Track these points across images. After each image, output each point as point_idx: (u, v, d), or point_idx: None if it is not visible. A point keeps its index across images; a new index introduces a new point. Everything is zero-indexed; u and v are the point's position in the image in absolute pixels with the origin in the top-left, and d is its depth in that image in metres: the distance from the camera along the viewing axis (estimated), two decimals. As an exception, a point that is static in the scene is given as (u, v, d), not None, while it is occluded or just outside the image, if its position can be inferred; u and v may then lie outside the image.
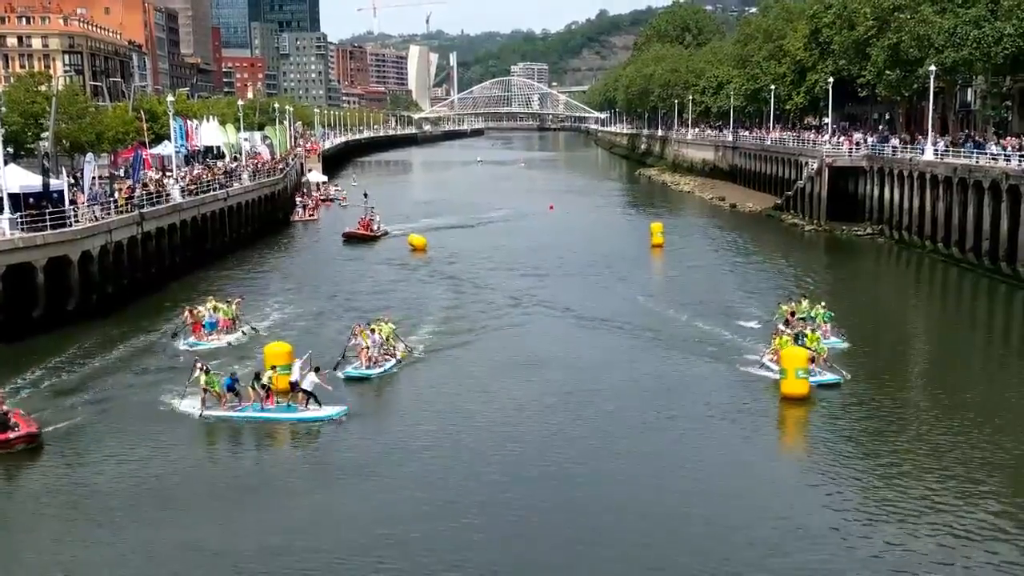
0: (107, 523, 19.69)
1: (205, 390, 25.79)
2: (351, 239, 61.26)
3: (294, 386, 25.86)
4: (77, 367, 30.80)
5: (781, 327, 31.31)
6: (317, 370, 26.15)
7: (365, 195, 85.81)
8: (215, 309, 34.36)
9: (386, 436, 24.76)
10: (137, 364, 31.42)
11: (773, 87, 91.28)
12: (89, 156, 51.30)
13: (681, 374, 29.76)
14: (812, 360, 27.46)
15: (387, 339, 30.60)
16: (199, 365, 26.38)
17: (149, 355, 32.61)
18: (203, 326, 33.52)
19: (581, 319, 37.28)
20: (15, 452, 22.64)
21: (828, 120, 79.20)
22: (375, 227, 63.28)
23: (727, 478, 21.60)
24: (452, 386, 28.69)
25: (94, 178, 48.75)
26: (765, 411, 26.13)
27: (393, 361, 30.11)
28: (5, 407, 23.11)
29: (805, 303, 33.84)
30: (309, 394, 25.60)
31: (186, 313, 34.32)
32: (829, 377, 27.82)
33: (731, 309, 38.78)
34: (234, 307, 35.24)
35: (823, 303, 33.51)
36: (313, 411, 25.55)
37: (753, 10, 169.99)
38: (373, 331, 30.22)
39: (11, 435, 22.50)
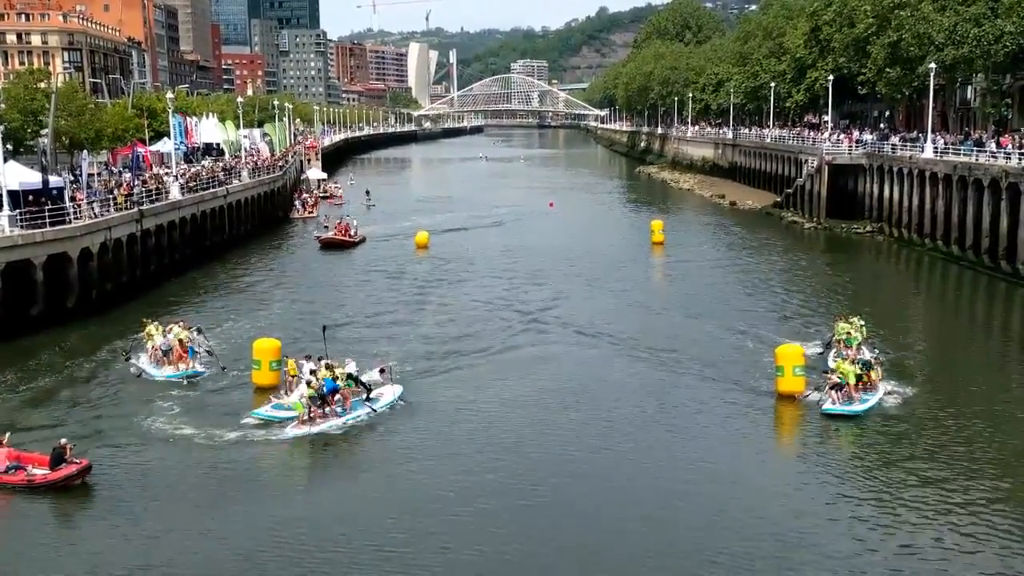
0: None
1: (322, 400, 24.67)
2: (328, 246, 56.77)
3: (357, 381, 25.96)
4: (76, 366, 30.76)
5: (831, 357, 28.77)
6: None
7: (367, 192, 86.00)
8: (198, 331, 30.91)
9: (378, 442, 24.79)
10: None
11: (773, 85, 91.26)
12: (84, 154, 51.26)
13: (680, 373, 29.64)
14: (852, 385, 25.43)
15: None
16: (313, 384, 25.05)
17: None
18: (188, 352, 29.54)
19: (581, 319, 37.08)
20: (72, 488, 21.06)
21: (828, 118, 79.17)
22: (352, 232, 58.98)
23: (728, 479, 21.59)
24: (450, 392, 28.67)
25: (91, 175, 48.79)
26: (763, 409, 26.10)
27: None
28: (63, 440, 21.65)
29: (847, 323, 30.14)
30: (368, 387, 26.04)
31: (174, 338, 29.87)
32: (855, 408, 25.08)
33: (731, 308, 38.79)
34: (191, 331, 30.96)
35: (862, 324, 30.19)
36: (383, 399, 26.05)
37: (753, 7, 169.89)
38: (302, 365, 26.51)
39: (74, 470, 21.05)
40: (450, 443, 23.79)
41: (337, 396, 25.26)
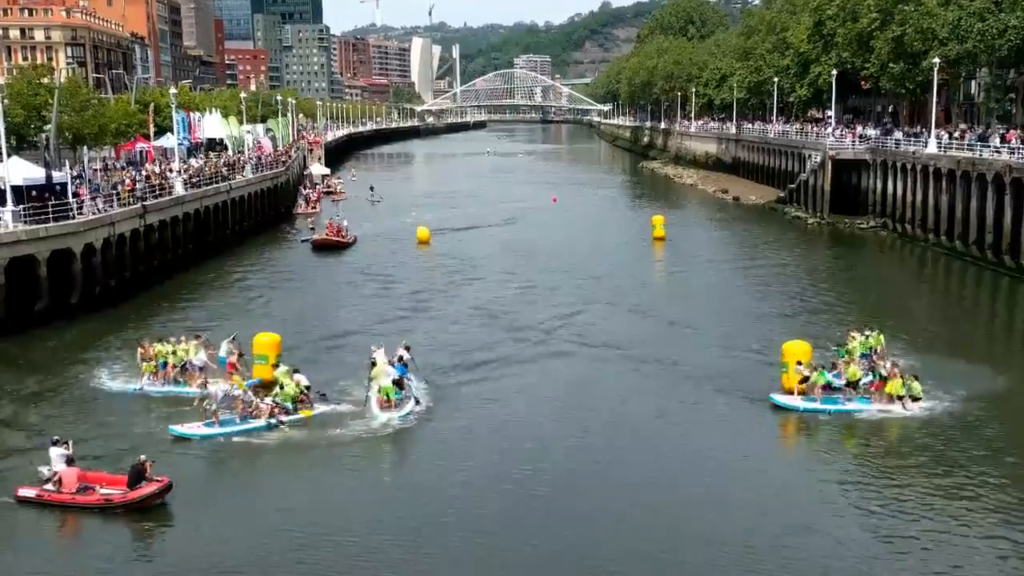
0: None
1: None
2: (320, 247, 55.05)
3: (399, 383, 26.00)
4: (81, 363, 30.77)
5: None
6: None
7: (371, 188, 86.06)
8: (232, 339, 29.22)
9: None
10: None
11: (776, 79, 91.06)
12: (84, 149, 51.33)
13: (683, 371, 29.60)
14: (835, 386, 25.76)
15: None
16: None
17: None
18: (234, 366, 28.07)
19: (582, 317, 37.02)
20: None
21: (831, 113, 79.05)
22: (345, 233, 57.28)
23: (732, 475, 21.63)
24: (448, 389, 28.66)
25: (94, 170, 48.84)
26: (768, 406, 26.13)
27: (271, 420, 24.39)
28: (142, 457, 20.29)
29: (856, 334, 29.35)
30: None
31: (227, 347, 28.61)
32: (792, 403, 25.62)
33: (733, 304, 38.82)
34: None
35: (867, 336, 28.91)
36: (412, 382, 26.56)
37: (756, 2, 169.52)
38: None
39: (154, 488, 19.71)
40: (453, 442, 23.82)
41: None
